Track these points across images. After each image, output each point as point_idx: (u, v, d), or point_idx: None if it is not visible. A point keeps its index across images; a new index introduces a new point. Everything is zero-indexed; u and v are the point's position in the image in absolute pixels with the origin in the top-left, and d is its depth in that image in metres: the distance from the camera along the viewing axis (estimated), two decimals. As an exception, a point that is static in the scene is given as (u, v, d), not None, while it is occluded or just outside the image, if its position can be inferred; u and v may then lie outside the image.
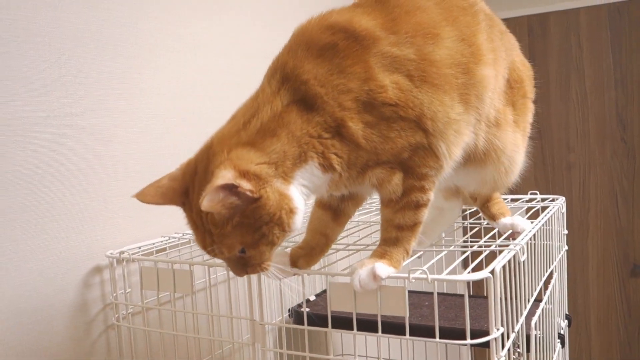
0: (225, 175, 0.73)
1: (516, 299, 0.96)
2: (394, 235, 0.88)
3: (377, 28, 0.85)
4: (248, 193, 0.75)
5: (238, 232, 0.79)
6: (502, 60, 0.99)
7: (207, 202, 0.72)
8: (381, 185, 0.88)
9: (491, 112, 0.97)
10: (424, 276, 0.81)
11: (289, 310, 1.51)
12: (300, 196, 0.82)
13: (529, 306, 1.07)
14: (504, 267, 0.86)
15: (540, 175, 3.12)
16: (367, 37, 0.84)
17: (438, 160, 0.88)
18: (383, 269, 0.84)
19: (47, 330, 1.04)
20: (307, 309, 1.46)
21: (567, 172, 3.09)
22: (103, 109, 1.17)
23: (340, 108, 0.81)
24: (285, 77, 0.83)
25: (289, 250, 0.97)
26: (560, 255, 1.43)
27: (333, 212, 0.97)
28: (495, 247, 1.02)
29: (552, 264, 1.33)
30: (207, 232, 0.81)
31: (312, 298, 1.60)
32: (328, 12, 0.89)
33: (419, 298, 1.46)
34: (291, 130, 0.80)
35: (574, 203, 3.05)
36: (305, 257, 0.96)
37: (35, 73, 1.04)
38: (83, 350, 1.11)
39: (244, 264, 0.84)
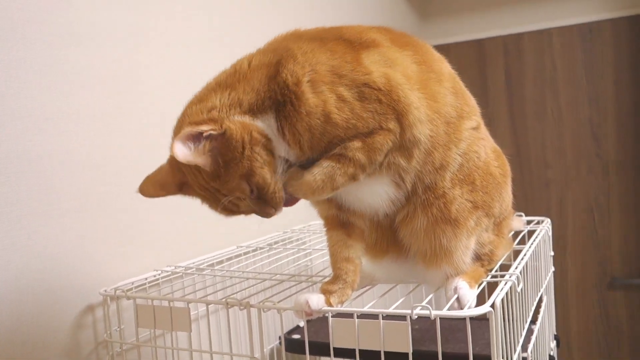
0: (184, 131, 0.80)
1: (513, 327, 0.98)
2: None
3: (383, 39, 0.90)
4: (212, 132, 0.81)
5: (232, 170, 0.83)
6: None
7: (180, 151, 0.79)
8: None
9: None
10: (427, 312, 0.82)
11: (279, 337, 1.51)
12: (268, 129, 0.86)
13: (524, 333, 1.08)
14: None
15: (520, 192, 3.17)
16: (369, 41, 0.89)
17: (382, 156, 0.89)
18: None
19: (39, 373, 1.02)
20: (298, 336, 1.46)
21: (545, 189, 3.15)
22: (95, 145, 1.15)
23: (312, 72, 0.84)
24: (270, 49, 0.89)
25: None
26: (548, 278, 1.46)
27: (343, 227, 0.98)
28: (489, 277, 1.03)
29: (542, 287, 1.35)
30: (214, 190, 0.85)
31: (302, 324, 1.59)
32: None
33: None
34: (251, 83, 0.86)
35: (553, 219, 3.10)
36: (337, 292, 0.94)
37: (27, 111, 1.02)
38: (76, 391, 1.09)
39: (265, 201, 0.87)
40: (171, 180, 0.90)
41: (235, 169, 0.83)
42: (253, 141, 0.83)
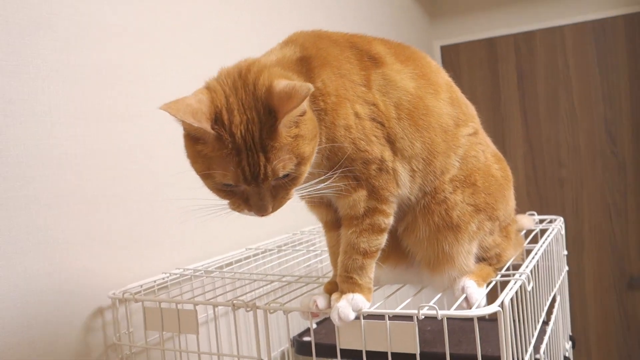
0: (309, 85, 0.74)
1: (524, 327, 0.96)
2: (360, 264, 0.89)
3: (387, 54, 0.92)
4: (304, 103, 0.77)
5: (297, 143, 0.77)
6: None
7: (296, 95, 0.73)
8: (339, 197, 0.89)
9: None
10: (433, 312, 0.81)
11: (291, 339, 1.50)
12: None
13: (536, 333, 1.06)
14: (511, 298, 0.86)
15: (533, 191, 3.14)
16: (377, 56, 0.91)
17: (398, 188, 0.91)
18: (363, 302, 0.86)
19: (49, 376, 1.03)
20: (309, 338, 1.45)
21: (559, 188, 3.11)
22: (103, 148, 1.16)
23: (341, 87, 0.86)
24: (301, 46, 0.88)
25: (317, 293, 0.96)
26: (561, 277, 1.44)
27: (339, 227, 0.97)
28: (499, 276, 1.01)
29: (555, 287, 1.33)
30: (259, 149, 0.75)
31: (314, 326, 1.58)
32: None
33: (421, 322, 1.45)
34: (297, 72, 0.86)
35: (568, 219, 3.07)
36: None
37: (35, 116, 1.03)
38: (86, 394, 1.09)
39: (275, 195, 0.80)
40: (207, 112, 0.76)
41: (300, 144, 0.79)
42: (314, 140, 0.83)
